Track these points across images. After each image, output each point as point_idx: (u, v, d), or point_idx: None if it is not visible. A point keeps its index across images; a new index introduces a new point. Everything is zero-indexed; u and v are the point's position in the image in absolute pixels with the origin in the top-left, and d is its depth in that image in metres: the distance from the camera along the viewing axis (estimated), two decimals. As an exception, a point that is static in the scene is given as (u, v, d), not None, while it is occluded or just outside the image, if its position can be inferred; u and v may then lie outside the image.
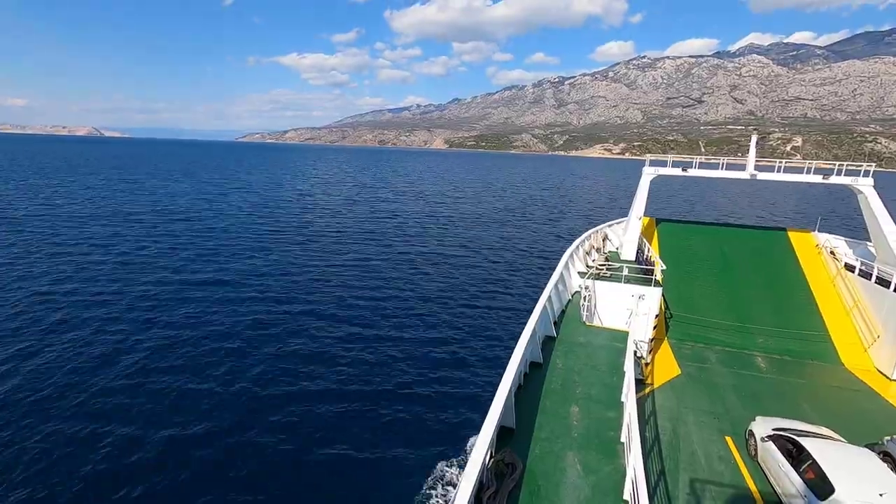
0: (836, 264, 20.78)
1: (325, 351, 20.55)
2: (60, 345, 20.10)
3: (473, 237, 48.32)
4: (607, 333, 14.51)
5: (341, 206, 68.83)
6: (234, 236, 43.45)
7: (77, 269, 30.89)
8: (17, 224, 44.13)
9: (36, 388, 16.82)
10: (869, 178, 19.68)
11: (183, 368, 18.66)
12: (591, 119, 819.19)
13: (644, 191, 22.66)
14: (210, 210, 58.59)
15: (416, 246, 42.80)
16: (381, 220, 56.30)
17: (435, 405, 16.54)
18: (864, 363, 17.17)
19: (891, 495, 8.03)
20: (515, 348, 9.94)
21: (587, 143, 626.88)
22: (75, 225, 45.23)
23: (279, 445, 14.26)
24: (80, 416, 15.37)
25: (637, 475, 6.69)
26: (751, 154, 21.85)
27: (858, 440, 10.81)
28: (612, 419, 9.33)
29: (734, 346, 18.15)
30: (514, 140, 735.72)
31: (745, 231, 25.67)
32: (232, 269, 32.48)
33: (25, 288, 26.91)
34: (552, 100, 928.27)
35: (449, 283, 31.38)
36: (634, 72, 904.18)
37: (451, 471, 13.06)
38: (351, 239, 44.51)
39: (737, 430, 12.27)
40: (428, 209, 68.99)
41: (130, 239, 40.19)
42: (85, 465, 13.19)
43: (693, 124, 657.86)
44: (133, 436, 14.48)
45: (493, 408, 7.80)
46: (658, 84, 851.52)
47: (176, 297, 26.39)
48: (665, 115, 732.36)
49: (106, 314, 23.61)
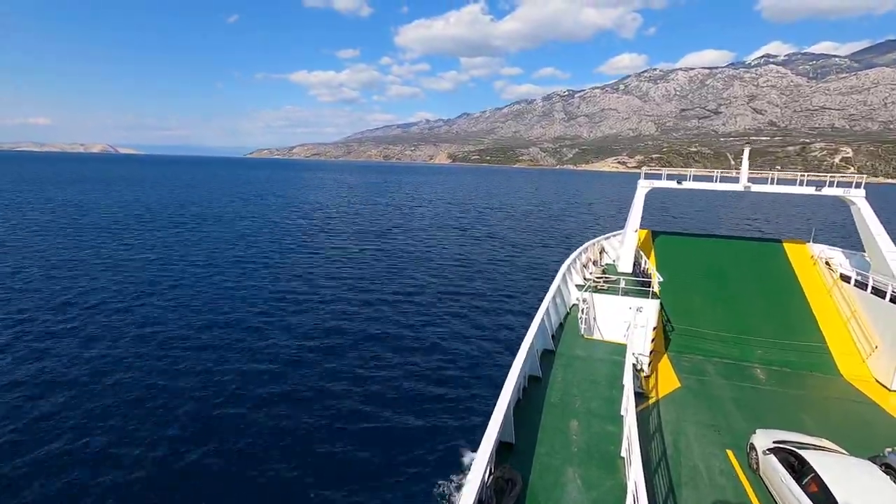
0: (831, 275, 20.89)
1: (311, 362, 20.45)
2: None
3: (467, 252, 46.68)
4: (606, 346, 14.39)
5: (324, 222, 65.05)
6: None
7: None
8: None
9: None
10: (861, 189, 19.90)
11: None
12: (603, 132, 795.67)
13: (640, 203, 22.46)
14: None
15: (405, 261, 41.47)
16: (375, 237, 53.87)
17: (432, 420, 16.30)
18: (862, 374, 17.08)
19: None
20: (514, 362, 9.85)
21: (598, 155, 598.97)
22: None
23: (276, 461, 13.97)
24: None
25: (638, 490, 6.55)
26: (744, 166, 21.77)
27: (859, 452, 10.69)
28: (612, 433, 9.25)
29: (733, 357, 18.08)
30: (520, 154, 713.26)
31: (741, 242, 25.69)
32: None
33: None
34: (562, 113, 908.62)
35: (443, 297, 30.72)
36: (646, 84, 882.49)
37: (451, 487, 12.83)
38: (337, 256, 42.47)
39: (738, 443, 12.15)
40: (423, 223, 67.30)
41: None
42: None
43: (711, 135, 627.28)
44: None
45: (491, 423, 7.71)
46: (671, 96, 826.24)
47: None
48: (680, 127, 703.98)
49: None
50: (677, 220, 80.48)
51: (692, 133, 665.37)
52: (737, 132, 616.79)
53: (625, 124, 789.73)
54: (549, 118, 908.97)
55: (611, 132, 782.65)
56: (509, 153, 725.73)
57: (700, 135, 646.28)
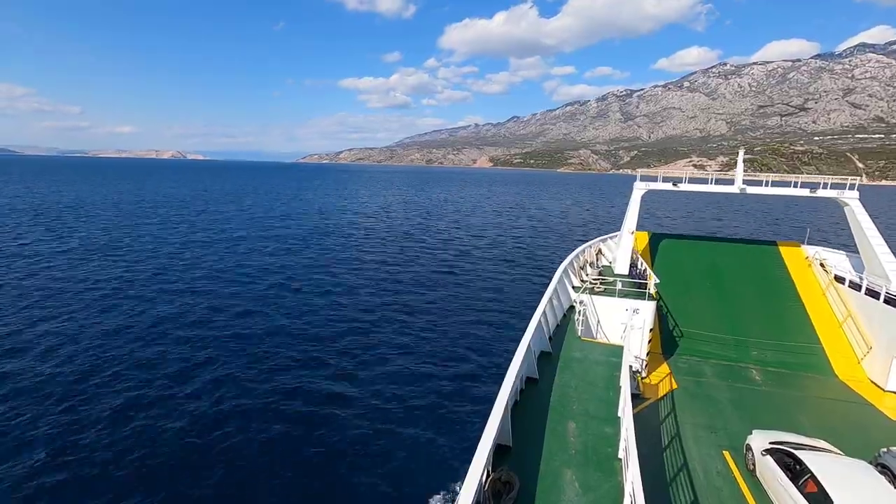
0: (825, 276, 20.87)
1: (306, 360, 20.91)
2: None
3: (466, 260, 44.79)
4: (603, 348, 14.32)
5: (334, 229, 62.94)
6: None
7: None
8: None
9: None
10: (854, 191, 19.71)
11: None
12: (665, 132, 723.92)
13: (636, 205, 22.19)
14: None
15: (405, 264, 41.49)
16: (388, 241, 53.44)
17: (429, 422, 16.35)
18: (857, 374, 17.13)
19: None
20: (511, 364, 9.77)
21: (661, 158, 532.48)
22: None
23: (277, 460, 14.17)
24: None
25: (635, 492, 6.51)
26: (738, 168, 21.67)
27: (855, 452, 10.77)
28: (609, 435, 9.20)
29: (729, 359, 18.04)
30: (569, 157, 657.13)
31: (736, 245, 25.51)
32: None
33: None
34: (618, 113, 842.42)
35: (441, 301, 30.67)
36: (715, 80, 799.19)
37: (448, 490, 12.82)
38: (340, 259, 42.90)
39: (734, 444, 12.20)
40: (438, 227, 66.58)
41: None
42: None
43: (798, 134, 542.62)
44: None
45: (489, 425, 7.62)
46: (745, 92, 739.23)
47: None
48: (758, 126, 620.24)
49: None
50: (675, 222, 78.72)
51: (774, 132, 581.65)
52: (833, 130, 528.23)
53: (690, 124, 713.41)
54: (603, 119, 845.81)
55: (674, 133, 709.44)
56: (556, 156, 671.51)
57: (785, 133, 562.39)
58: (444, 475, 13.22)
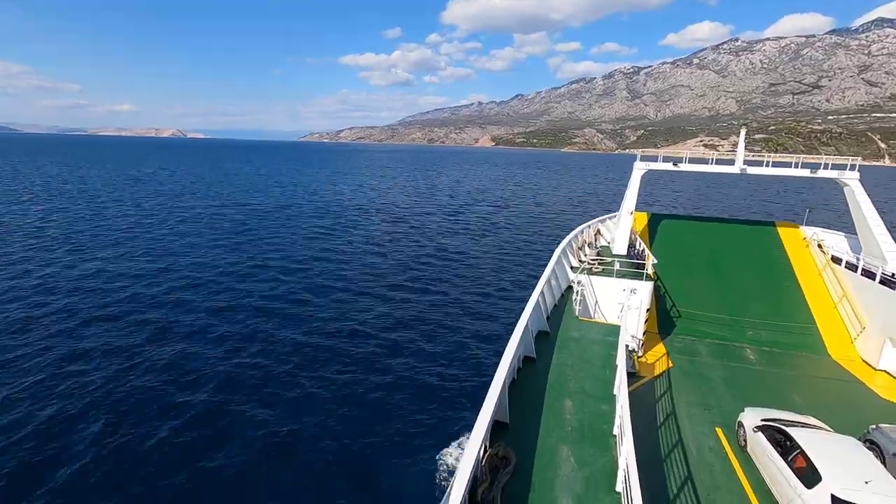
0: (823, 257, 20.90)
1: (309, 343, 20.68)
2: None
3: (461, 240, 44.33)
4: (600, 328, 14.40)
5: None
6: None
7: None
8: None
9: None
10: (855, 171, 19.62)
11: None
12: (672, 111, 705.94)
13: (635, 185, 22.00)
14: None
15: (408, 245, 41.31)
16: (388, 222, 53.08)
17: (428, 399, 16.47)
18: (850, 354, 17.22)
19: (876, 483, 8.21)
20: (508, 343, 9.94)
21: (668, 138, 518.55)
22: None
23: (274, 438, 14.46)
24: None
25: (629, 467, 6.69)
26: (740, 148, 21.51)
27: (845, 429, 10.91)
28: (605, 412, 9.38)
29: (724, 338, 18.13)
30: (574, 136, 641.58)
31: (735, 225, 25.53)
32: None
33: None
34: (625, 91, 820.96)
35: (438, 282, 30.56)
36: (726, 56, 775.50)
37: (446, 464, 13.07)
38: (339, 236, 44.20)
39: (727, 422, 12.34)
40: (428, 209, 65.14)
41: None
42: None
43: (811, 114, 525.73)
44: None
45: (486, 402, 7.76)
46: (757, 69, 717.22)
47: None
48: (770, 105, 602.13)
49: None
50: (674, 202, 78.26)
51: (786, 111, 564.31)
52: (847, 109, 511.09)
53: (699, 102, 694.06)
54: (609, 97, 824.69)
55: (682, 111, 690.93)
56: (560, 135, 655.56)
57: (797, 112, 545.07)
58: (443, 450, 13.52)
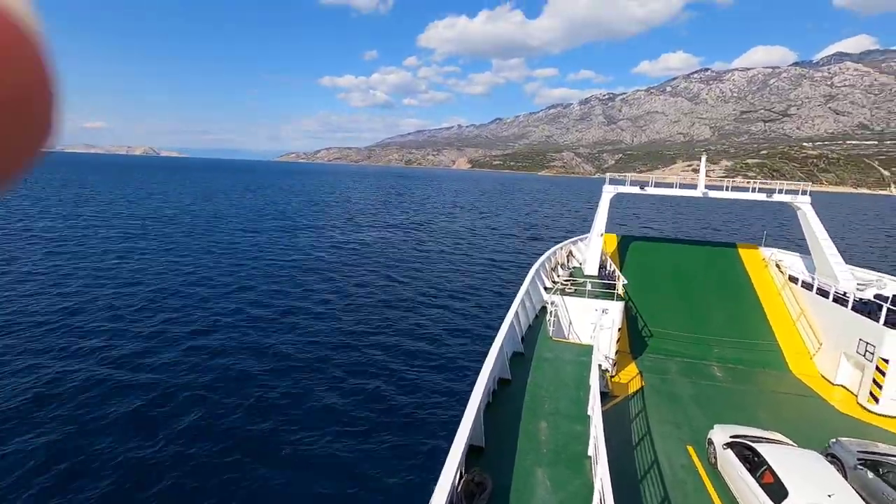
0: (781, 277, 21.52)
1: (265, 368, 19.82)
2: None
3: (434, 264, 42.07)
4: (573, 348, 14.50)
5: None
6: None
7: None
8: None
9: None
10: (807, 196, 20.64)
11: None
12: (648, 136, 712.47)
13: (605, 208, 22.77)
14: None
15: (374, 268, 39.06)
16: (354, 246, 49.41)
17: (402, 424, 16.10)
18: (809, 370, 17.73)
19: (839, 496, 8.54)
20: (483, 365, 9.86)
21: (647, 162, 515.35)
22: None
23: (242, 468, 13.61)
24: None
25: (604, 488, 6.71)
26: (701, 173, 22.35)
27: (807, 443, 11.31)
28: (579, 433, 9.40)
29: (692, 357, 18.50)
30: (552, 159, 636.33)
31: (699, 247, 26.20)
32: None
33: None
34: (601, 116, 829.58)
35: (409, 304, 29.42)
36: (697, 85, 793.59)
37: (421, 491, 12.63)
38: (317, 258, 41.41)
39: (697, 439, 12.62)
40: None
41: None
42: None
43: (783, 140, 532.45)
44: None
45: (461, 427, 7.64)
46: (727, 97, 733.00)
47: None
48: (742, 131, 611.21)
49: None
50: (644, 224, 79.58)
51: (758, 137, 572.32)
52: (818, 136, 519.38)
53: (674, 128, 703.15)
54: (586, 122, 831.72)
55: (658, 136, 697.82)
56: (538, 158, 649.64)
57: (770, 139, 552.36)
58: (417, 477, 13.16)
